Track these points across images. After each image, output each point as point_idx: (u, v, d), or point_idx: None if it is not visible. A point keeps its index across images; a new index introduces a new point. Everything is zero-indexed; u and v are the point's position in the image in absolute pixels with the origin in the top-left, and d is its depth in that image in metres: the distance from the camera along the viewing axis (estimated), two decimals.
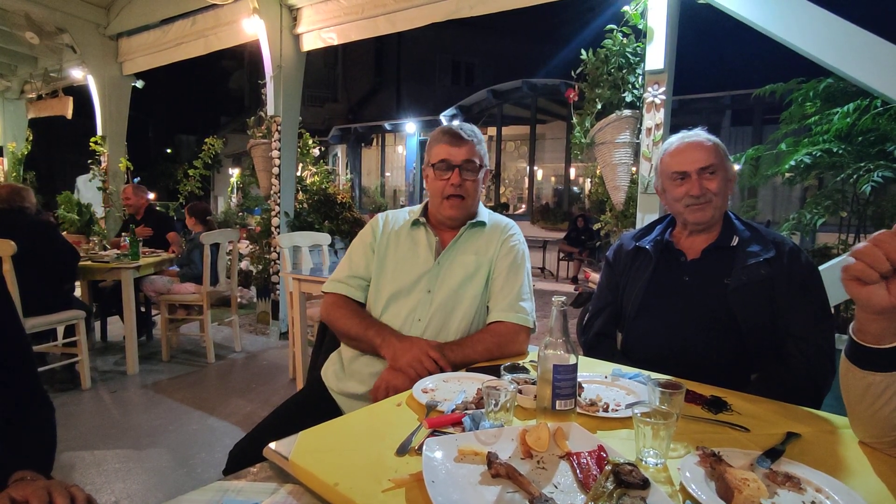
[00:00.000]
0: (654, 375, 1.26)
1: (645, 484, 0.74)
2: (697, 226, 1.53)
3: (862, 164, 2.79)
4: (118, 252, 4.15)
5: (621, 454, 0.83)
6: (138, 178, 6.10)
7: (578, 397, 1.05)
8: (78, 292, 4.20)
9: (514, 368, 1.20)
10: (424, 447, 0.85)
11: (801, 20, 2.49)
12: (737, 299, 1.40)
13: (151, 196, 5.26)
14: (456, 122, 1.61)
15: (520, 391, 1.08)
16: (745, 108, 10.11)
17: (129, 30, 5.72)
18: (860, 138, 2.92)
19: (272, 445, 0.90)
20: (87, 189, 6.37)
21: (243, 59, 18.51)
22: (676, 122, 2.91)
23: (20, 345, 1.10)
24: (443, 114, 13.21)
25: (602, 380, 1.25)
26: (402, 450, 0.89)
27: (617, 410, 1.07)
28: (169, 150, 20.79)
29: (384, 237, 1.60)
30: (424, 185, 1.65)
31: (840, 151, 2.94)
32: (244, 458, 1.30)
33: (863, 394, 0.90)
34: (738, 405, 1.12)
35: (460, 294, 1.51)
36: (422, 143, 15.04)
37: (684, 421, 1.02)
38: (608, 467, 0.78)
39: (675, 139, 1.57)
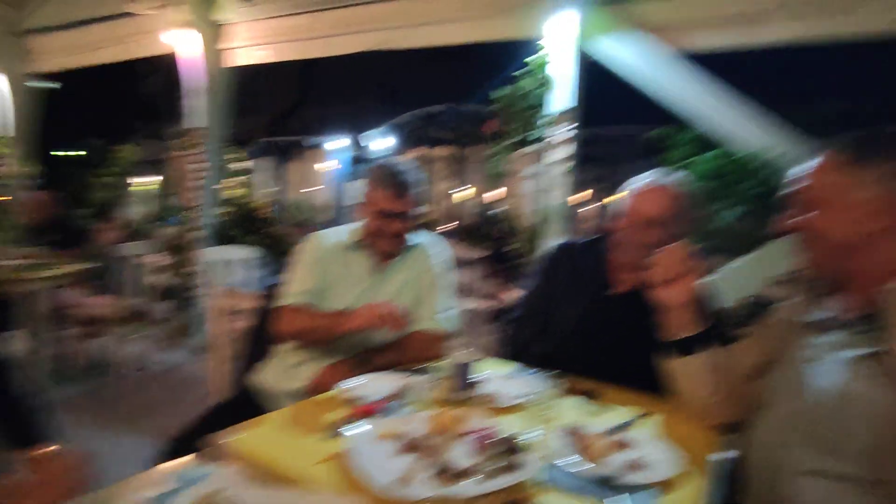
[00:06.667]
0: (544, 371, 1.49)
1: (523, 450, 0.98)
2: None
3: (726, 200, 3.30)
4: (22, 262, 3.93)
5: (510, 431, 1.05)
6: (41, 181, 5.74)
7: (477, 390, 1.28)
8: None
9: (427, 369, 1.42)
10: (351, 429, 1.04)
11: (671, 79, 3.13)
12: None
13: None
14: (397, 161, 1.69)
15: (431, 386, 1.29)
16: (646, 145, 11.08)
17: (43, 28, 5.45)
18: (723, 178, 3.44)
19: (209, 438, 1.01)
20: None
21: (161, 65, 17.64)
22: (586, 153, 3.30)
23: None
24: (368, 132, 13.38)
25: (501, 375, 1.46)
26: (332, 434, 1.06)
27: (511, 400, 1.29)
28: (79, 153, 19.24)
29: (320, 255, 1.69)
30: (357, 210, 1.70)
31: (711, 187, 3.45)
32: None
33: (693, 377, 1.20)
34: (610, 395, 1.36)
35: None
36: (348, 160, 15.06)
37: (563, 406, 1.26)
38: (498, 438, 1.00)
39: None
